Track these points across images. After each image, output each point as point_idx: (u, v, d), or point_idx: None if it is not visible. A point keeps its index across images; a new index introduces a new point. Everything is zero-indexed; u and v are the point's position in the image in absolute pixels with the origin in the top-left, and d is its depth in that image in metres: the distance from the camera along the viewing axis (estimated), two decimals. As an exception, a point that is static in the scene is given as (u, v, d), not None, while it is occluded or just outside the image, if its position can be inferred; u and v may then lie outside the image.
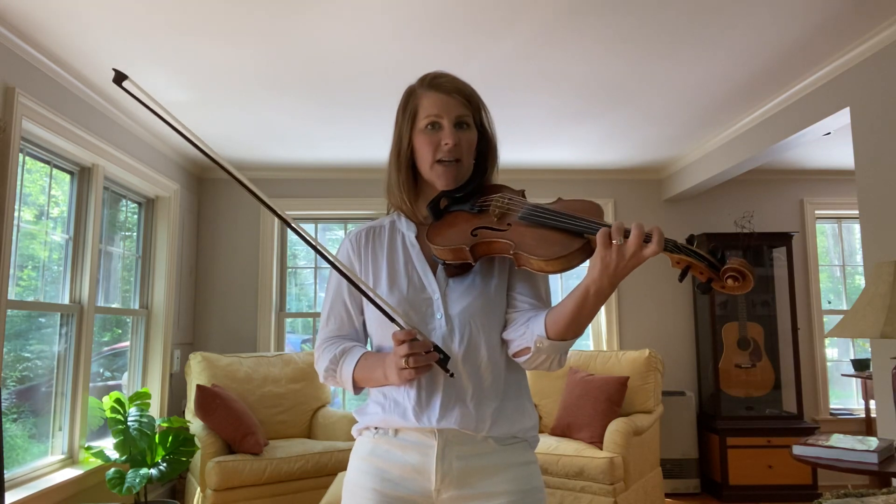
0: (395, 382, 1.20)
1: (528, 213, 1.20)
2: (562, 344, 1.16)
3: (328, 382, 1.35)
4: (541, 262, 1.13)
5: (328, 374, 1.33)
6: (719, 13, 2.61)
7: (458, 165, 1.28)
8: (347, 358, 1.29)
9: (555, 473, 3.54)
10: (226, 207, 4.97)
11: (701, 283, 1.04)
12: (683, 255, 1.02)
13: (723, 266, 1.01)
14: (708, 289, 1.03)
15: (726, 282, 1.00)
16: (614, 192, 5.11)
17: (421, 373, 1.15)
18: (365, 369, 1.26)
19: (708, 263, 1.01)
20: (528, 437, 1.27)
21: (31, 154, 3.12)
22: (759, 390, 4.67)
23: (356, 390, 1.30)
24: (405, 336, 1.15)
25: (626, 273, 1.05)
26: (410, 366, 1.13)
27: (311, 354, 4.47)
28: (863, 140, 2.92)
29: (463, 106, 1.29)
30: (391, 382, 1.21)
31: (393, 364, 1.17)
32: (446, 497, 1.21)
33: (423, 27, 2.71)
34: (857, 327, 2.28)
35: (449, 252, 1.23)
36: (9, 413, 2.93)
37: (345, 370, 1.29)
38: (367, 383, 1.28)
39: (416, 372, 1.14)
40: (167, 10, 2.55)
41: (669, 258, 1.04)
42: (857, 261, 5.27)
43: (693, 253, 1.02)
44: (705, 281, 1.03)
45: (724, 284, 1.01)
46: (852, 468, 2.39)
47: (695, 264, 1.02)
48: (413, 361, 1.13)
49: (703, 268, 1.02)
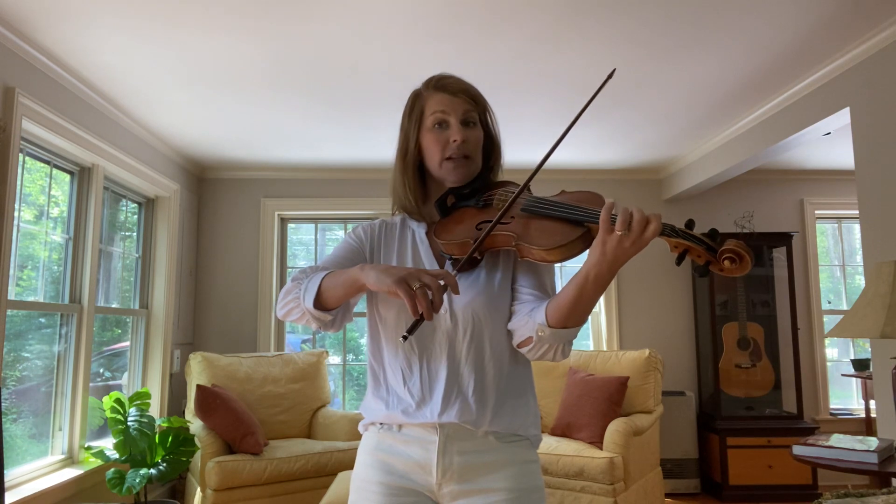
0: (370, 281, 1.07)
1: (529, 204, 1.21)
2: (563, 332, 1.15)
3: (285, 303, 1.21)
4: (542, 252, 1.14)
5: (292, 289, 1.21)
6: (719, 13, 2.61)
7: (468, 161, 1.30)
8: (321, 272, 1.20)
9: (555, 473, 3.54)
10: (226, 207, 4.97)
11: (699, 266, 1.05)
12: (681, 239, 1.03)
13: (720, 248, 1.02)
14: (706, 271, 1.05)
15: (723, 263, 1.01)
16: (614, 192, 5.11)
17: (412, 299, 1.02)
18: (337, 274, 1.15)
19: (705, 246, 1.02)
20: (530, 436, 1.27)
21: (31, 154, 3.12)
22: (759, 390, 4.67)
23: (316, 304, 1.16)
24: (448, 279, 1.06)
25: (625, 259, 1.05)
26: (416, 288, 1.02)
27: (311, 354, 4.47)
28: (863, 140, 2.92)
29: (469, 105, 1.31)
30: (364, 280, 1.09)
31: (395, 271, 1.05)
32: (447, 491, 1.23)
33: (423, 27, 2.71)
34: (857, 327, 2.28)
35: (455, 246, 1.25)
36: (9, 413, 2.93)
37: (315, 278, 1.18)
38: (332, 290, 1.15)
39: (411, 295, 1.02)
40: (168, 11, 2.55)
41: (668, 242, 1.05)
42: (857, 261, 5.27)
43: (690, 236, 1.03)
44: (703, 264, 1.04)
45: (721, 266, 1.02)
46: (852, 468, 2.39)
47: (692, 248, 1.03)
48: (421, 292, 1.02)
49: (700, 251, 1.03)
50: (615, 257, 1.05)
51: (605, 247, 1.05)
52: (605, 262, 1.06)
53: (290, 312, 1.21)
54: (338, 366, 5.05)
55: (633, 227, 1.02)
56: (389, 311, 1.26)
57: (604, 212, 1.05)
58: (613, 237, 1.03)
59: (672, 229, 1.04)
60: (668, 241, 1.05)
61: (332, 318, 1.20)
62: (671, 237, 1.04)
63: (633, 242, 1.02)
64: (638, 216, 1.02)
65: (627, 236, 1.02)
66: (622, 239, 1.03)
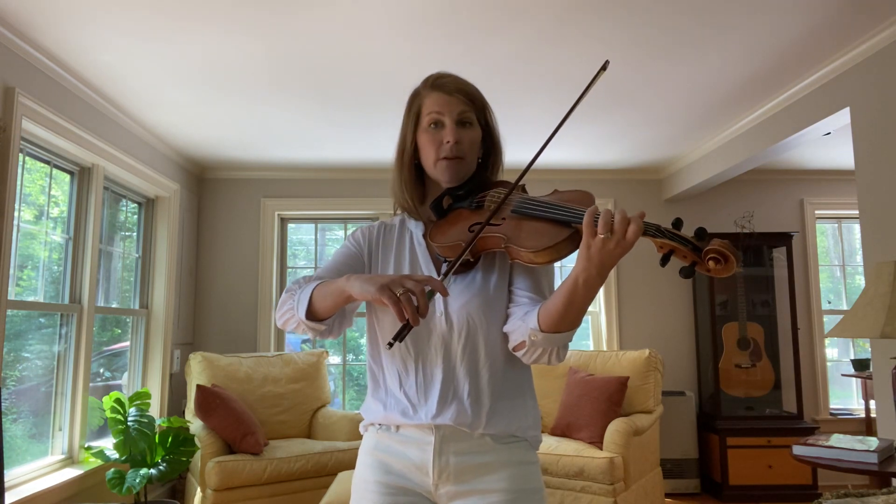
0: (354, 291, 1.08)
1: (519, 205, 1.20)
2: (556, 336, 1.14)
3: (282, 314, 1.23)
4: (530, 254, 1.13)
5: (287, 300, 1.23)
6: (719, 13, 2.61)
7: (460, 162, 1.30)
8: (313, 283, 1.21)
9: (555, 473, 3.54)
10: (226, 207, 4.97)
11: (684, 267, 1.02)
12: (666, 239, 1.01)
13: (704, 248, 0.99)
14: (691, 272, 1.02)
15: (708, 264, 0.99)
16: (614, 192, 5.11)
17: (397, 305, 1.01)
18: (327, 285, 1.17)
19: (691, 247, 1.00)
20: (528, 437, 1.27)
21: (31, 154, 3.12)
22: (759, 390, 4.67)
23: (309, 315, 1.18)
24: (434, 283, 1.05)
25: (613, 261, 1.04)
26: (399, 293, 1.02)
27: (311, 354, 4.47)
28: (863, 140, 2.92)
29: (465, 105, 1.30)
30: (349, 290, 1.09)
31: (378, 279, 1.05)
32: (444, 492, 1.23)
33: (423, 27, 2.71)
34: (857, 327, 2.28)
35: (449, 249, 1.24)
36: (9, 413, 2.93)
37: (306, 289, 1.20)
38: (322, 301, 1.16)
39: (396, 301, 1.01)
40: (168, 11, 2.55)
41: (654, 243, 1.03)
42: (857, 261, 5.27)
43: (675, 236, 1.01)
44: (689, 264, 1.02)
45: (707, 267, 0.99)
46: (852, 468, 2.39)
47: (677, 248, 1.01)
48: (406, 298, 1.02)
49: (685, 251, 1.01)
50: (601, 261, 1.03)
51: (589, 251, 1.04)
52: (592, 267, 1.05)
53: (288, 322, 1.23)
54: (338, 366, 5.05)
55: (616, 229, 1.01)
56: (386, 315, 1.26)
57: (587, 216, 1.04)
58: (597, 241, 1.02)
59: (657, 229, 1.02)
60: (654, 242, 1.03)
61: (326, 328, 1.20)
62: (656, 237, 1.02)
63: (616, 244, 1.01)
64: (619, 217, 1.01)
65: (611, 239, 1.01)
66: (605, 242, 1.02)
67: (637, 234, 1.00)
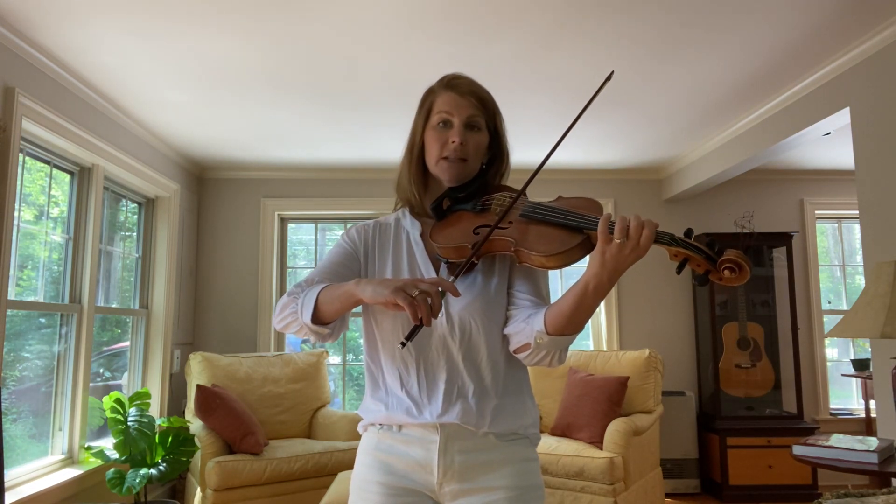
0: (366, 295, 1.07)
1: (528, 210, 1.22)
2: (561, 339, 1.16)
3: (283, 317, 1.22)
4: (541, 258, 1.15)
5: (289, 303, 1.21)
6: (719, 14, 2.61)
7: (462, 164, 1.31)
8: (317, 286, 1.20)
9: (555, 473, 3.54)
10: (226, 207, 4.97)
11: (698, 276, 1.06)
12: (681, 248, 1.04)
13: (719, 258, 1.03)
14: (706, 280, 1.06)
15: (723, 273, 1.03)
16: (614, 192, 5.11)
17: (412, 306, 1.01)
18: (333, 288, 1.16)
19: (705, 256, 1.03)
20: (529, 434, 1.28)
21: (31, 154, 3.12)
22: (759, 390, 4.67)
23: (313, 318, 1.17)
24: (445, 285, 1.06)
25: (625, 267, 1.06)
26: (415, 295, 1.02)
27: (311, 354, 4.47)
28: (863, 140, 2.92)
29: (475, 108, 1.31)
30: (360, 295, 1.09)
31: (391, 282, 1.05)
32: (448, 490, 1.23)
33: (423, 28, 2.71)
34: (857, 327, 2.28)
35: (452, 250, 1.25)
36: (9, 413, 2.93)
37: (311, 292, 1.18)
38: (329, 305, 1.15)
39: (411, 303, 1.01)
40: (168, 11, 2.55)
41: (667, 251, 1.06)
42: (857, 261, 5.27)
43: (690, 245, 1.04)
44: (703, 273, 1.05)
45: (721, 276, 1.03)
46: (852, 468, 2.39)
47: (692, 257, 1.04)
48: (422, 299, 1.02)
49: (700, 260, 1.04)
50: (615, 266, 1.06)
51: (604, 256, 1.06)
52: (605, 272, 1.07)
53: (289, 326, 1.22)
54: (338, 366, 5.05)
55: (631, 234, 1.03)
56: (385, 317, 1.27)
57: (601, 222, 1.06)
58: (613, 246, 1.04)
59: (672, 238, 1.05)
60: (668, 250, 1.06)
61: (329, 332, 1.21)
62: (671, 246, 1.05)
63: (632, 249, 1.04)
64: (635, 222, 1.03)
65: (626, 244, 1.04)
66: (621, 247, 1.04)
67: (651, 240, 1.03)
